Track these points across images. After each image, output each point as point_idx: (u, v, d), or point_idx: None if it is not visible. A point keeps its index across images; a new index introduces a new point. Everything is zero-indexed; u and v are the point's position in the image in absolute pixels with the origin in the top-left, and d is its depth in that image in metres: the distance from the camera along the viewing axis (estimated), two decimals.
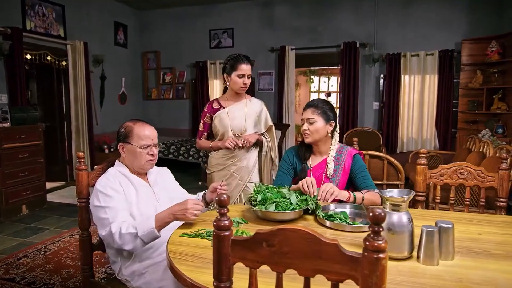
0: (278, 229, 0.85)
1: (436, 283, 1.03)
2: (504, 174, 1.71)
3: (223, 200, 0.89)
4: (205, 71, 6.50)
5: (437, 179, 1.81)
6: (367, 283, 0.77)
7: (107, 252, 1.66)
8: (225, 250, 0.89)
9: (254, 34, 6.31)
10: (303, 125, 1.88)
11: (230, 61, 2.26)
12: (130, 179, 1.64)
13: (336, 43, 5.84)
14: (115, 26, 6.31)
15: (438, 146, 5.51)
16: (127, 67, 6.72)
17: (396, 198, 1.20)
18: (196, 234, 1.38)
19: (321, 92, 9.08)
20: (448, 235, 1.18)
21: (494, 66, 5.02)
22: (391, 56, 5.58)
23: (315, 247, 0.82)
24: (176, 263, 1.14)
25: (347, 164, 1.88)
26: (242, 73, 2.22)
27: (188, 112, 6.90)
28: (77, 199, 1.70)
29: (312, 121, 1.84)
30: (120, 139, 1.66)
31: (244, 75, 2.24)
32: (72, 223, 3.79)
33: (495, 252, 1.23)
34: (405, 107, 5.67)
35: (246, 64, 2.23)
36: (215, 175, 2.36)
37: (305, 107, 1.90)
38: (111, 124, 6.33)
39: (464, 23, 5.33)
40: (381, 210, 0.77)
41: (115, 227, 1.45)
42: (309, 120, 1.85)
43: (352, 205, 1.66)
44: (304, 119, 1.87)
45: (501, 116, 4.97)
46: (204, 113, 2.39)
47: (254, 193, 1.65)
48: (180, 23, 6.74)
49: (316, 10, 5.96)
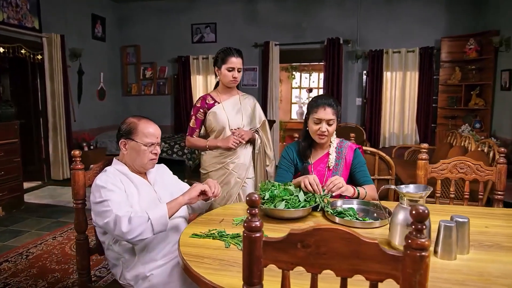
0: (314, 229, 0.82)
1: (459, 277, 1.04)
2: (502, 168, 1.76)
3: (255, 200, 0.85)
4: (187, 66, 6.37)
5: (438, 173, 1.84)
6: (411, 282, 0.75)
7: (107, 255, 1.58)
8: (257, 252, 0.85)
9: (237, 29, 6.23)
10: (317, 124, 1.79)
11: (221, 54, 2.21)
12: (130, 178, 1.57)
13: (320, 39, 5.86)
14: (92, 18, 6.07)
15: (419, 141, 5.65)
16: (106, 62, 6.49)
17: (414, 193, 1.19)
18: (207, 235, 1.33)
19: (303, 88, 9.13)
20: (464, 229, 1.19)
21: (472, 63, 5.19)
22: (373, 53, 5.67)
23: (354, 247, 0.80)
24: (194, 266, 1.09)
25: (348, 158, 1.87)
26: (231, 66, 2.18)
27: (170, 108, 6.75)
28: (73, 200, 1.61)
29: (332, 122, 1.78)
30: (122, 135, 1.58)
31: (234, 68, 2.19)
32: (54, 224, 3.63)
33: (507, 244, 1.26)
34: (387, 103, 5.78)
35: (236, 57, 2.18)
36: (212, 174, 2.28)
37: (320, 105, 1.78)
38: (90, 120, 6.11)
39: (443, 21, 5.47)
40: (424, 207, 0.76)
41: (122, 212, 1.37)
42: (329, 121, 1.77)
43: (359, 201, 1.66)
44: (321, 119, 1.77)
45: (479, 111, 5.16)
46: (196, 108, 2.29)
47: (260, 190, 1.62)
48: (161, 17, 6.56)
49: (300, 6, 5.96)
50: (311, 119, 1.82)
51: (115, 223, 1.36)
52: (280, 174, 1.92)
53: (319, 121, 1.79)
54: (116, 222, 1.36)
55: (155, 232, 1.39)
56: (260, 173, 2.35)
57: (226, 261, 1.14)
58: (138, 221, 1.35)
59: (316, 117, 1.79)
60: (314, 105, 1.82)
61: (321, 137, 1.80)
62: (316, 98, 1.86)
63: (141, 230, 1.36)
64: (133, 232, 1.35)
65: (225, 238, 1.30)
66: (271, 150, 2.35)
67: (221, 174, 2.26)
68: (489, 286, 0.99)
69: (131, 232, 1.35)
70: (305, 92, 8.98)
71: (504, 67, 4.60)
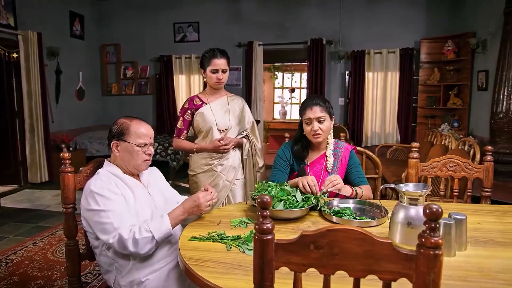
0: (327, 230, 0.81)
1: (461, 274, 1.06)
2: (489, 166, 1.82)
3: (266, 201, 0.83)
4: (170, 65, 6.28)
5: (428, 171, 1.88)
6: (425, 280, 0.76)
7: (99, 260, 1.52)
8: (269, 255, 0.83)
9: (221, 29, 6.19)
10: (309, 125, 1.81)
11: (205, 56, 2.19)
12: (124, 180, 1.52)
13: (303, 39, 5.90)
14: (70, 16, 5.88)
15: (400, 140, 5.78)
16: (85, 61, 6.30)
17: (414, 192, 1.21)
18: (206, 238, 1.31)
19: (285, 88, 9.17)
20: (462, 226, 1.22)
21: (450, 64, 5.36)
22: (355, 53, 5.75)
23: (367, 247, 0.80)
24: (198, 270, 1.07)
25: (344, 159, 1.89)
26: (215, 68, 2.16)
27: (152, 108, 6.63)
28: (63, 205, 1.55)
29: (323, 120, 1.80)
30: (114, 136, 1.53)
31: (218, 70, 2.17)
32: (33, 229, 3.49)
33: (501, 240, 1.29)
34: (369, 102, 5.88)
35: (219, 59, 2.16)
36: (200, 176, 2.24)
37: (307, 106, 1.82)
38: (68, 121, 5.92)
39: (423, 23, 5.62)
40: (438, 206, 0.77)
41: (126, 233, 1.34)
42: (319, 119, 1.80)
43: (354, 201, 1.67)
44: (312, 119, 1.80)
45: (457, 111, 5.32)
46: (184, 109, 2.27)
47: (257, 191, 1.60)
48: (142, 15, 6.43)
49: (283, 6, 5.98)
50: (303, 122, 1.85)
51: (120, 244, 1.35)
52: (275, 174, 1.91)
53: (309, 121, 1.82)
54: (122, 243, 1.34)
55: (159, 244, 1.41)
56: (250, 177, 2.33)
57: (230, 264, 1.12)
58: (143, 242, 1.35)
59: (306, 118, 1.83)
60: (302, 108, 1.87)
61: (315, 137, 1.82)
62: (304, 101, 1.90)
63: (148, 249, 1.37)
64: (141, 252, 1.36)
65: (225, 240, 1.27)
66: (260, 157, 2.32)
67: (209, 176, 2.23)
68: (491, 282, 1.01)
69: (139, 251, 1.36)
70: (288, 92, 9.02)
71: (480, 68, 4.77)
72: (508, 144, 3.86)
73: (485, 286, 0.99)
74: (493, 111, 3.94)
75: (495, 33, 4.24)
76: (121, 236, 1.33)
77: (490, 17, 4.43)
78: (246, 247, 1.21)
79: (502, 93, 3.83)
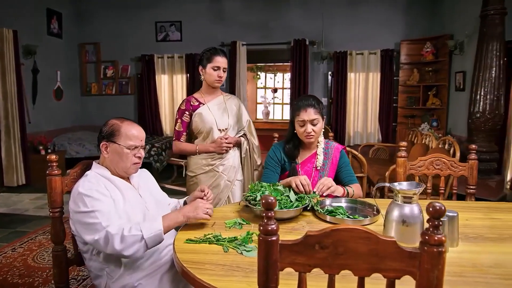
0: (332, 230, 0.81)
1: (456, 269, 1.09)
2: (473, 164, 1.88)
3: (271, 202, 0.83)
4: (152, 65, 6.18)
5: (416, 170, 1.93)
6: (429, 277, 0.77)
7: (89, 265, 1.48)
8: (274, 256, 0.83)
9: (203, 28, 6.14)
10: (302, 126, 1.82)
11: (206, 53, 2.17)
12: (113, 182, 1.48)
13: (286, 39, 5.93)
14: (48, 13, 5.69)
15: (381, 139, 5.90)
16: (63, 60, 6.12)
17: (408, 190, 1.23)
18: (202, 240, 1.29)
19: (268, 88, 9.19)
20: (454, 223, 1.25)
21: (428, 65, 5.51)
22: (338, 54, 5.83)
23: (372, 246, 0.80)
24: (197, 273, 1.05)
25: (335, 159, 1.91)
26: (217, 65, 2.14)
27: (134, 109, 6.51)
28: (50, 209, 1.49)
29: (316, 122, 1.81)
30: (104, 137, 1.49)
31: (220, 67, 2.16)
32: (11, 235, 3.35)
33: (490, 236, 1.34)
34: (351, 103, 5.97)
35: (221, 57, 2.16)
36: (201, 177, 2.21)
37: (301, 107, 1.82)
38: (46, 122, 5.73)
39: (402, 25, 5.75)
40: (441, 204, 0.78)
41: (115, 229, 1.28)
42: (313, 121, 1.80)
43: (346, 200, 1.69)
44: (306, 121, 1.80)
45: (435, 111, 5.48)
46: (181, 111, 2.23)
47: (250, 192, 1.60)
48: (122, 13, 6.30)
49: (267, 6, 5.99)
50: (296, 122, 1.85)
51: (106, 241, 1.28)
52: (267, 175, 1.91)
53: (303, 123, 1.82)
54: (107, 240, 1.28)
55: (148, 248, 1.33)
56: (248, 176, 2.32)
57: (229, 266, 1.11)
58: (131, 240, 1.28)
59: (299, 120, 1.83)
60: (296, 108, 1.86)
61: (308, 138, 1.83)
62: (298, 101, 1.89)
63: (135, 250, 1.29)
64: (125, 251, 1.29)
65: (222, 242, 1.26)
66: (258, 156, 2.32)
67: (211, 176, 2.20)
68: (485, 276, 1.04)
69: (124, 251, 1.28)
70: (270, 92, 9.05)
71: (457, 69, 4.93)
72: (485, 143, 4.00)
73: (480, 281, 1.02)
74: (470, 111, 4.07)
75: (472, 35, 4.39)
76: (108, 232, 1.27)
77: (467, 19, 4.59)
78: (243, 249, 1.20)
79: (479, 93, 3.97)
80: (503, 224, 1.46)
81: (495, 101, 3.90)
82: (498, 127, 4.04)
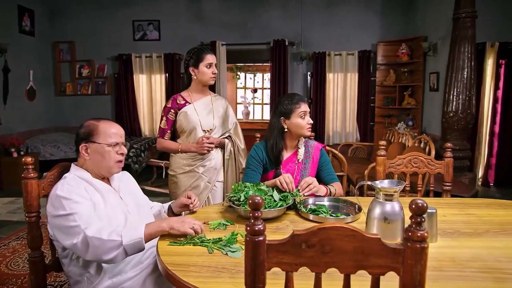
0: (318, 229, 0.82)
1: (435, 264, 1.12)
2: (449, 162, 1.94)
3: (258, 202, 0.83)
4: (129, 64, 6.06)
5: (395, 168, 1.98)
6: (412, 273, 0.79)
7: (69, 271, 1.43)
8: (261, 256, 0.83)
9: (182, 28, 6.07)
10: (303, 118, 1.86)
11: (195, 53, 2.15)
12: (94, 185, 1.44)
13: (266, 40, 5.95)
14: (19, 10, 5.47)
15: (359, 138, 6.01)
16: (36, 59, 5.91)
17: (390, 188, 1.26)
18: (187, 242, 1.27)
19: (248, 88, 9.19)
20: (433, 219, 1.29)
21: (404, 66, 5.67)
22: (317, 55, 5.90)
23: (358, 243, 0.82)
24: (181, 276, 1.04)
25: (315, 157, 1.93)
26: (209, 62, 2.14)
27: (111, 109, 6.36)
28: (26, 213, 1.43)
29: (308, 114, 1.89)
30: (82, 139, 1.44)
31: (212, 64, 2.16)
32: None
33: (466, 231, 1.39)
34: (330, 103, 6.06)
35: (211, 54, 2.17)
36: (181, 177, 2.19)
37: (299, 100, 1.88)
38: (19, 123, 5.52)
39: (379, 27, 5.89)
40: (423, 201, 0.80)
41: (92, 231, 1.24)
42: (308, 113, 1.88)
43: (328, 198, 1.72)
44: (306, 112, 1.87)
45: (411, 110, 5.64)
46: (167, 109, 2.20)
47: (233, 192, 1.59)
48: (98, 11, 6.15)
49: (246, 6, 5.99)
50: (296, 116, 1.86)
51: (85, 245, 1.24)
52: (249, 174, 1.91)
53: (304, 114, 1.87)
54: (86, 243, 1.23)
55: (128, 255, 1.28)
56: (231, 177, 2.31)
57: (214, 267, 1.10)
58: (110, 245, 1.23)
59: (301, 111, 1.87)
60: (294, 102, 1.88)
61: (309, 129, 1.89)
62: (291, 97, 1.91)
63: (114, 255, 1.25)
64: (104, 256, 1.25)
65: (207, 243, 1.25)
66: (243, 158, 2.30)
67: (190, 177, 2.18)
68: (463, 270, 1.08)
69: (102, 255, 1.24)
70: (250, 92, 9.05)
71: (432, 70, 5.09)
72: (458, 141, 4.15)
73: (459, 274, 1.06)
74: (444, 110, 4.22)
75: (445, 37, 4.55)
76: (85, 235, 1.23)
77: (440, 22, 4.75)
78: (228, 250, 1.20)
79: (452, 94, 4.11)
80: (478, 219, 1.51)
81: (467, 101, 4.06)
82: (470, 126, 4.21)
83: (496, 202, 1.75)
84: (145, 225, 1.30)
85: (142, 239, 1.25)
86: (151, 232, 1.28)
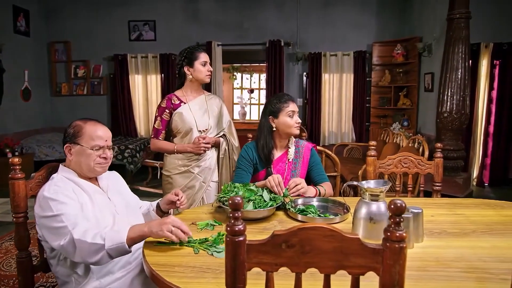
0: (298, 229, 0.82)
1: (420, 264, 1.13)
2: (439, 162, 1.95)
3: (238, 203, 0.83)
4: (125, 65, 6.05)
5: (385, 168, 1.98)
6: (391, 272, 0.80)
7: (56, 271, 1.43)
8: (242, 257, 0.83)
9: (178, 28, 6.07)
10: (292, 117, 1.88)
11: (188, 52, 2.16)
12: (81, 185, 1.44)
13: (261, 40, 5.95)
14: (14, 10, 5.46)
15: (355, 138, 6.02)
16: (31, 59, 5.89)
17: (375, 188, 1.27)
18: (173, 242, 1.27)
19: (244, 89, 9.19)
20: (419, 219, 1.30)
21: (399, 66, 5.68)
22: (312, 55, 5.90)
23: (337, 243, 0.82)
24: (165, 276, 1.04)
25: (306, 157, 1.94)
26: (204, 60, 2.16)
27: (107, 109, 6.35)
28: (13, 214, 1.43)
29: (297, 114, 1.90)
30: (67, 140, 1.44)
31: (207, 62, 2.17)
32: None
33: (453, 231, 1.39)
34: (326, 103, 6.06)
35: (204, 53, 2.19)
36: (176, 177, 2.19)
37: (288, 100, 1.90)
38: (13, 123, 5.51)
39: (374, 27, 5.90)
40: (401, 201, 0.81)
41: (78, 233, 1.24)
42: (296, 113, 1.90)
43: (318, 199, 1.72)
44: (294, 111, 1.89)
45: (406, 111, 5.65)
46: (161, 109, 2.20)
47: (223, 193, 1.59)
48: (94, 12, 6.13)
49: (242, 7, 5.99)
50: (284, 115, 1.88)
51: (73, 246, 1.24)
52: (239, 174, 1.91)
53: (292, 113, 1.89)
54: (73, 245, 1.24)
55: (115, 257, 1.28)
56: (226, 177, 2.31)
57: (199, 267, 1.10)
58: (94, 248, 1.22)
59: (290, 110, 1.88)
60: (283, 101, 1.91)
61: (298, 128, 1.90)
62: (280, 97, 1.93)
63: (99, 258, 1.24)
64: (89, 258, 1.25)
65: (193, 244, 1.25)
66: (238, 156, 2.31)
67: (186, 177, 2.18)
68: (447, 270, 1.09)
69: (87, 258, 1.25)
70: (247, 92, 9.05)
71: (426, 70, 5.10)
72: (452, 141, 4.17)
73: (442, 274, 1.06)
74: (439, 111, 4.23)
75: (439, 38, 4.56)
76: (72, 237, 1.23)
77: (435, 23, 4.76)
78: (214, 250, 1.20)
79: (446, 94, 4.12)
80: (466, 219, 1.52)
81: (461, 102, 4.07)
82: (464, 126, 4.22)
83: (485, 202, 1.76)
84: (129, 229, 1.28)
85: (124, 244, 1.23)
86: (133, 236, 1.26)
